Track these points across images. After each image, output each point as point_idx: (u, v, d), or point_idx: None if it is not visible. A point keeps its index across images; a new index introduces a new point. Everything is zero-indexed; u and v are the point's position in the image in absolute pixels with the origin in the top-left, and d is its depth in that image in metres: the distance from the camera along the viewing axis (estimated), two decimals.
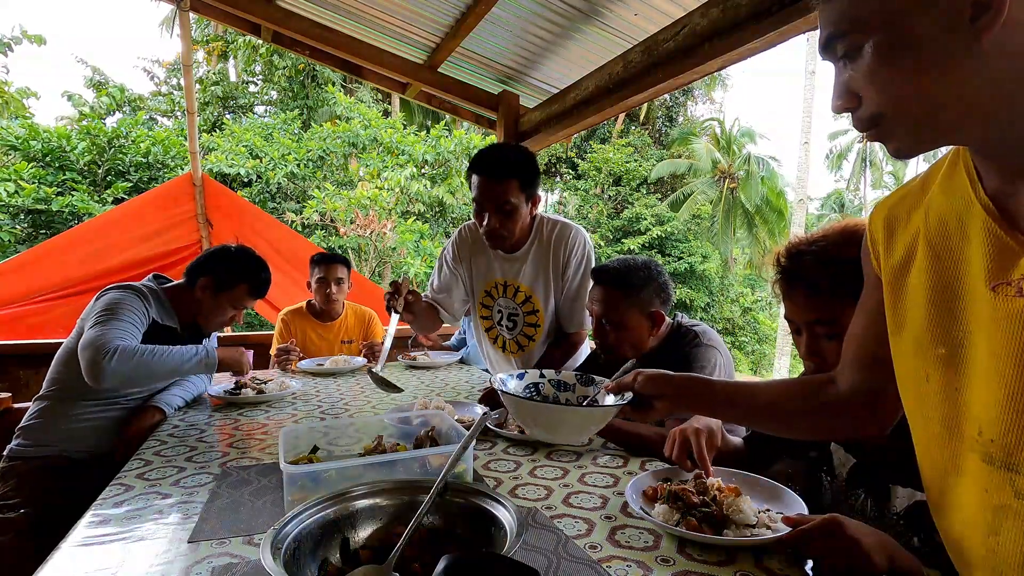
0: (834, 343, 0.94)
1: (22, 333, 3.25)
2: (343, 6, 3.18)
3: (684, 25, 2.16)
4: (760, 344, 19.53)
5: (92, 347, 1.53)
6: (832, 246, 0.95)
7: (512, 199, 1.70)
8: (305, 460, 1.12)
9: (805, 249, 0.97)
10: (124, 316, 1.63)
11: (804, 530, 0.79)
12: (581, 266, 1.86)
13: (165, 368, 1.61)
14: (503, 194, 1.69)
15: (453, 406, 1.60)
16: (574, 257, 1.85)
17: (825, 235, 0.97)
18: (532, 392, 1.20)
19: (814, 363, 0.99)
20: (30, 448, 1.61)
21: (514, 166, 1.70)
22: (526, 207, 1.77)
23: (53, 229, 7.68)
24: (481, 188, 1.71)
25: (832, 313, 0.93)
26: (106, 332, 1.56)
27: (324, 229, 10.91)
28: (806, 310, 0.96)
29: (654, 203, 19.08)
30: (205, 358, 1.69)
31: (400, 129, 11.51)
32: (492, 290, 2.00)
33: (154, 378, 1.67)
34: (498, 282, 1.97)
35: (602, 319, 1.54)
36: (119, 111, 12.07)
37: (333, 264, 2.73)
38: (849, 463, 1.07)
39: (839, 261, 0.91)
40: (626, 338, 1.54)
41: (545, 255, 1.86)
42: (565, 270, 1.86)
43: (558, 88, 3.36)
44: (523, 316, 1.95)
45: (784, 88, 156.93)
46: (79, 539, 0.89)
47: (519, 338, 2.00)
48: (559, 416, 1.01)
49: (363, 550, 0.78)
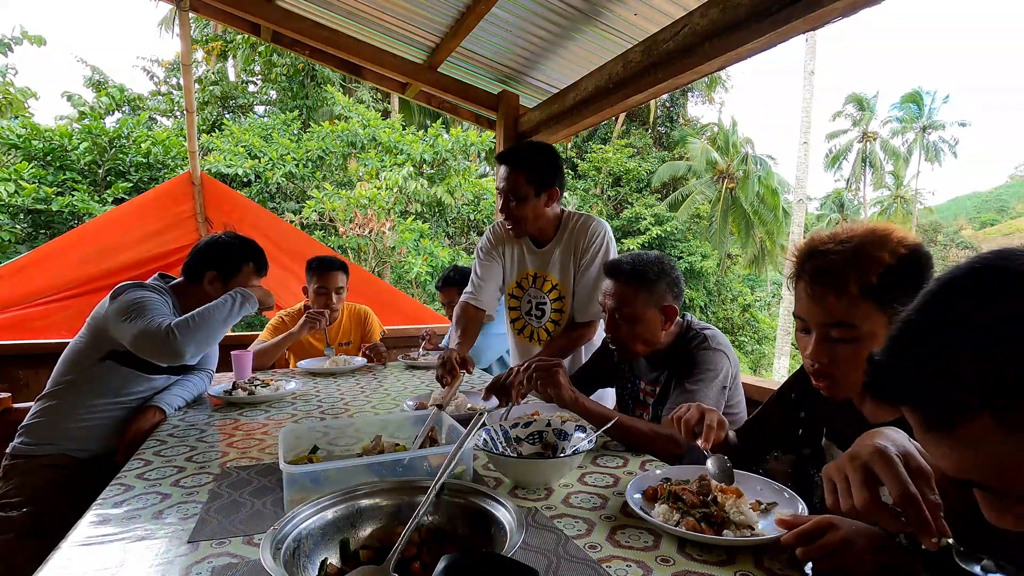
0: (849, 348, 0.91)
1: (24, 336, 3.24)
2: (343, 6, 3.18)
3: (684, 25, 2.17)
4: (760, 344, 19.55)
5: (148, 336, 1.58)
6: (862, 247, 0.89)
7: (520, 190, 1.89)
8: (305, 460, 1.12)
9: (833, 248, 0.92)
10: (154, 307, 1.67)
11: (798, 531, 0.79)
12: (598, 255, 1.95)
13: (218, 320, 1.71)
14: (512, 183, 1.89)
15: (466, 396, 1.75)
16: (592, 245, 1.95)
17: (852, 235, 0.92)
18: (536, 440, 1.25)
19: (820, 365, 0.95)
20: (32, 447, 1.61)
21: (523, 160, 1.90)
22: (537, 199, 1.91)
23: (53, 229, 7.68)
24: (498, 175, 1.95)
25: (853, 316, 0.89)
26: (149, 320, 1.61)
27: (323, 229, 10.91)
28: (826, 311, 0.91)
29: (653, 203, 19.11)
30: (243, 299, 1.80)
31: (399, 129, 11.51)
32: (523, 280, 2.12)
33: (216, 333, 1.72)
34: (529, 273, 2.10)
35: (615, 314, 1.53)
36: (118, 111, 12.06)
37: (332, 272, 2.59)
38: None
39: (870, 263, 0.88)
40: (640, 333, 1.52)
41: (569, 246, 1.99)
42: (583, 257, 1.96)
43: (558, 88, 3.36)
44: (550, 304, 2.06)
45: (783, 88, 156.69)
46: (79, 539, 0.89)
47: (547, 325, 2.08)
48: (522, 467, 1.09)
49: (363, 550, 0.78)
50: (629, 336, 1.53)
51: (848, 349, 0.91)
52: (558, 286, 2.02)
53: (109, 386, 1.68)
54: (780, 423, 1.22)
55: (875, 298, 0.88)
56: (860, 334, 0.90)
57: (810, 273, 0.94)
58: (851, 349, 0.91)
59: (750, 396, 1.68)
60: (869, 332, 0.89)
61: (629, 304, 1.50)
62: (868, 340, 0.89)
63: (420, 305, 4.64)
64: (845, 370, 0.93)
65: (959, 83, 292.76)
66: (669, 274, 1.53)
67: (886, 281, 0.87)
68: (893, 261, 0.87)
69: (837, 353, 0.93)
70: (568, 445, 1.20)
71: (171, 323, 1.61)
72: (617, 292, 1.53)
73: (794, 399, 1.20)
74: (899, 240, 0.89)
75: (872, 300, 0.88)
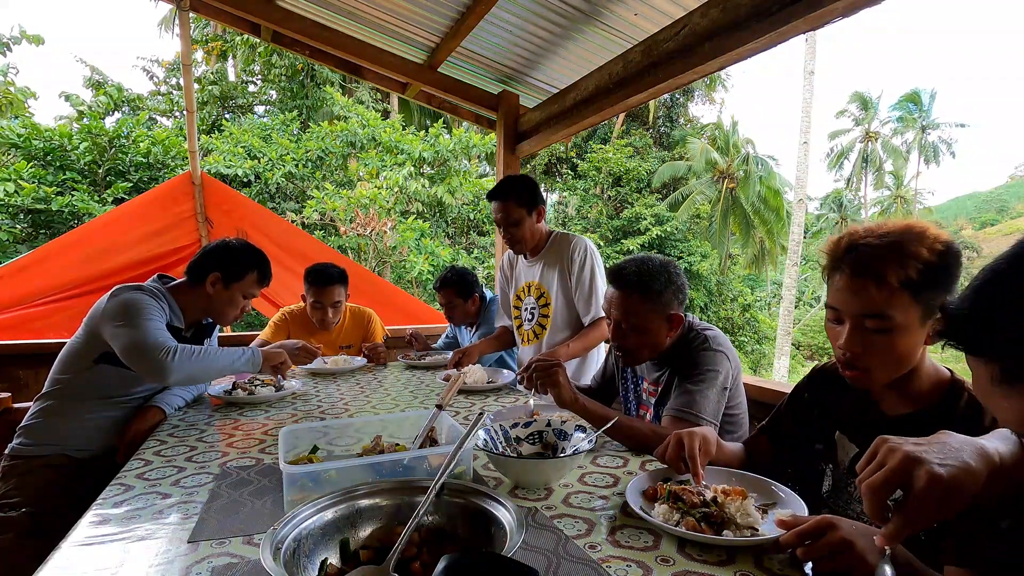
0: (882, 338, 0.94)
1: (24, 336, 3.24)
2: (343, 6, 3.18)
3: (684, 25, 2.17)
4: (760, 344, 19.55)
5: (145, 348, 1.56)
6: (902, 242, 0.92)
7: (514, 214, 2.21)
8: (305, 460, 1.12)
9: (873, 241, 0.94)
10: (152, 316, 1.65)
11: (798, 532, 0.79)
12: (585, 266, 2.20)
13: (219, 366, 1.70)
14: (507, 211, 2.21)
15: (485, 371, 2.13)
16: (577, 258, 2.21)
17: (891, 230, 0.95)
18: (536, 440, 1.25)
19: (852, 355, 0.97)
20: (31, 447, 1.61)
21: (508, 190, 2.22)
22: (530, 217, 2.24)
23: (53, 229, 7.67)
24: (494, 210, 2.27)
25: (891, 307, 0.91)
26: (149, 333, 1.59)
27: (324, 229, 10.91)
28: (865, 301, 0.93)
29: (653, 203, 19.10)
30: (252, 357, 1.80)
31: (399, 129, 11.50)
32: (521, 292, 2.45)
33: (210, 376, 1.72)
34: (526, 285, 2.42)
35: (621, 323, 1.52)
36: (118, 111, 12.06)
37: (329, 288, 2.53)
38: (852, 452, 1.07)
39: (909, 257, 0.90)
40: (646, 342, 1.52)
41: (554, 258, 2.29)
42: (571, 270, 2.22)
43: (558, 88, 3.36)
44: (539, 309, 2.36)
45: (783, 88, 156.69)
46: (79, 539, 0.89)
47: (535, 328, 2.37)
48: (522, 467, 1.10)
49: (363, 550, 0.78)
50: (635, 345, 1.53)
51: (881, 340, 0.94)
52: (543, 292, 2.33)
53: (106, 387, 1.68)
54: (793, 424, 1.24)
55: (912, 291, 0.91)
56: (894, 325, 0.92)
57: (851, 264, 0.96)
58: (884, 340, 0.94)
59: (750, 396, 1.68)
60: (902, 324, 0.92)
61: (636, 315, 1.49)
62: (900, 332, 0.93)
63: (421, 304, 4.64)
64: (877, 361, 0.96)
65: (959, 84, 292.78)
66: (675, 282, 1.52)
67: (924, 276, 0.90)
68: (932, 257, 0.90)
69: (870, 343, 0.95)
70: (568, 445, 1.20)
71: (173, 348, 1.59)
72: (624, 303, 1.51)
73: (807, 398, 1.22)
74: (935, 236, 0.92)
75: (909, 293, 0.91)
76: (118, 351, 1.59)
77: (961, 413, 0.93)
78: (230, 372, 1.76)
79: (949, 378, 0.99)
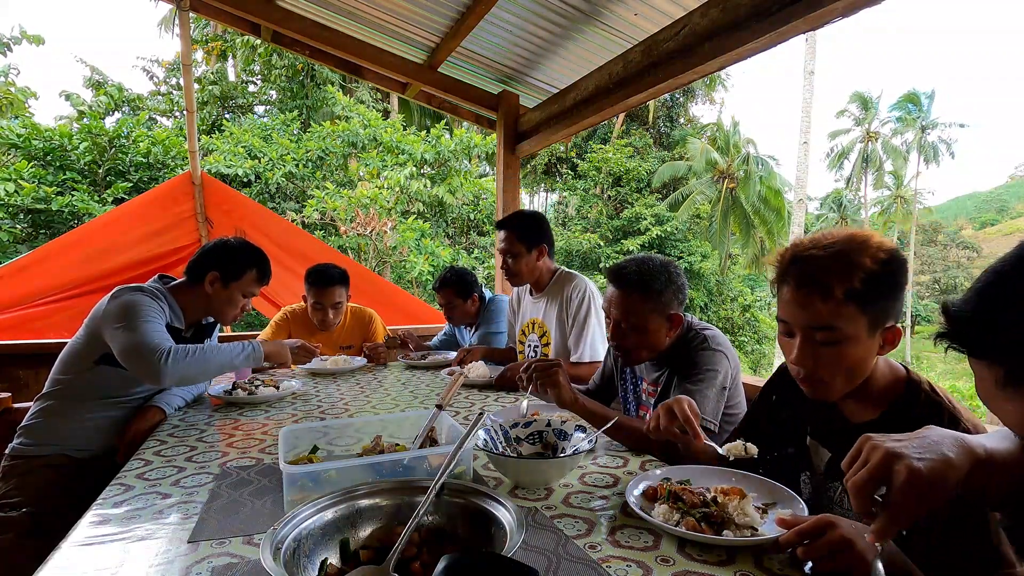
0: (832, 350, 0.93)
1: (24, 336, 3.24)
2: (343, 6, 3.18)
3: (684, 25, 2.17)
4: (760, 344, 19.54)
5: (141, 350, 1.55)
6: (845, 253, 0.91)
7: (514, 247, 2.32)
8: (305, 460, 1.12)
9: (816, 253, 0.94)
10: (151, 317, 1.64)
11: (797, 531, 0.79)
12: (581, 306, 2.24)
13: (217, 364, 1.69)
14: (508, 243, 2.33)
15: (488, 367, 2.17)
16: (576, 296, 2.26)
17: (834, 241, 0.94)
18: (536, 440, 1.26)
19: (805, 368, 0.97)
20: (31, 447, 1.61)
21: (515, 224, 2.34)
22: (529, 255, 2.33)
23: (53, 229, 7.67)
24: (497, 239, 2.39)
25: (838, 319, 0.91)
26: (146, 335, 1.58)
27: (324, 229, 10.90)
28: (812, 314, 0.93)
29: (654, 203, 19.10)
30: (252, 352, 1.79)
31: (400, 129, 11.50)
32: (526, 328, 2.51)
33: (208, 374, 1.71)
34: (530, 322, 2.48)
35: (621, 323, 1.52)
36: (118, 111, 12.06)
37: (329, 289, 2.52)
38: (827, 457, 1.07)
39: (853, 268, 0.90)
40: (645, 341, 1.52)
41: (556, 296, 2.36)
42: (568, 308, 2.28)
43: (558, 88, 3.36)
44: (541, 347, 2.42)
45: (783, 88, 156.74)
46: (79, 539, 0.89)
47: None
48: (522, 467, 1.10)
49: (363, 550, 0.78)
50: (635, 344, 1.53)
51: (831, 352, 0.94)
52: (545, 330, 2.40)
53: (106, 387, 1.68)
54: (767, 424, 1.23)
55: (858, 301, 0.90)
56: (842, 336, 0.92)
57: (796, 276, 0.96)
58: (834, 352, 0.94)
59: (750, 396, 1.68)
60: (852, 335, 0.92)
61: (636, 314, 1.49)
62: (850, 343, 0.92)
63: (422, 303, 4.63)
64: (829, 373, 0.96)
65: (959, 84, 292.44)
66: (675, 282, 1.52)
67: (869, 285, 0.90)
68: (875, 266, 0.90)
69: (821, 355, 0.95)
70: (568, 445, 1.20)
71: (168, 348, 1.57)
72: (624, 302, 1.51)
73: (775, 400, 1.22)
74: (879, 245, 0.92)
75: (855, 304, 0.90)
76: (116, 353, 1.59)
77: (919, 413, 0.92)
78: (230, 369, 1.76)
79: (905, 376, 0.99)
